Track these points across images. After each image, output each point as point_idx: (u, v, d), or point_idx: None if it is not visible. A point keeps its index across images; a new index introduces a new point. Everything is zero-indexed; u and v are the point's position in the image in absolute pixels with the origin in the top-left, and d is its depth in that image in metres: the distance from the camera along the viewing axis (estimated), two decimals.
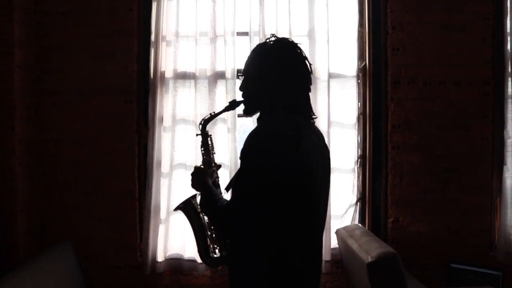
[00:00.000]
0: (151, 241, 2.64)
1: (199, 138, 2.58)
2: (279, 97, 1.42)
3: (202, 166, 1.66)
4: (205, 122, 1.74)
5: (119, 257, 2.71)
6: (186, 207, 1.76)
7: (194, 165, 2.59)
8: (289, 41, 1.50)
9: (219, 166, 1.74)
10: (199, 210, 1.74)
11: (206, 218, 1.72)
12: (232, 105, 1.61)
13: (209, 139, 1.76)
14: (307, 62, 1.47)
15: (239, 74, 1.55)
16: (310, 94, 1.49)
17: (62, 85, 2.69)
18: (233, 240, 1.47)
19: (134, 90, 2.71)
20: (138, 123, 2.74)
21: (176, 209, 1.79)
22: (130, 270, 2.71)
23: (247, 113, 1.54)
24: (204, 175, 1.57)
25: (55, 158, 2.69)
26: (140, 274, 2.68)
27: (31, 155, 2.62)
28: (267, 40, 1.49)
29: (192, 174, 1.58)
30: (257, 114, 1.51)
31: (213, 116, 1.73)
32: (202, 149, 1.74)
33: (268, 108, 1.45)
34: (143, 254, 2.67)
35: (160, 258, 2.67)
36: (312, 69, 1.50)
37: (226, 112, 1.75)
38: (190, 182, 1.58)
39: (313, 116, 1.49)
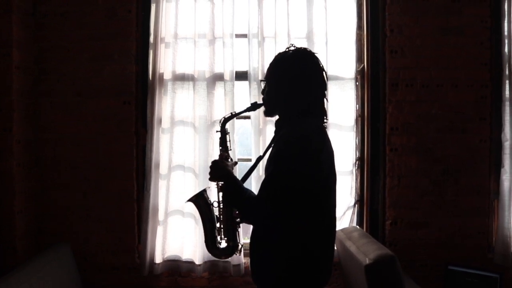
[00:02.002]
0: (149, 242, 2.64)
1: (198, 139, 2.66)
2: (296, 102, 1.58)
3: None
4: (225, 120, 1.82)
5: (117, 259, 2.71)
6: (198, 199, 1.86)
7: (192, 166, 2.64)
8: (307, 50, 1.66)
9: (235, 163, 1.86)
10: (210, 203, 1.84)
11: (216, 211, 1.83)
12: (254, 106, 1.76)
13: (227, 136, 1.84)
14: (323, 70, 1.63)
15: (261, 80, 1.75)
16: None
17: (60, 86, 2.69)
18: (257, 229, 1.62)
19: (132, 92, 2.71)
20: (137, 125, 2.74)
21: (188, 200, 1.89)
22: (128, 271, 2.71)
23: (267, 115, 1.71)
24: (227, 166, 1.70)
25: (53, 159, 2.70)
26: (138, 276, 2.68)
27: (29, 156, 2.62)
28: (287, 49, 1.64)
29: (212, 167, 1.69)
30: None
31: (233, 116, 1.83)
32: (220, 145, 1.82)
33: (287, 112, 1.62)
34: (141, 255, 2.67)
35: (158, 259, 2.67)
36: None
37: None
38: (209, 176, 1.70)
39: (325, 120, 1.64)
